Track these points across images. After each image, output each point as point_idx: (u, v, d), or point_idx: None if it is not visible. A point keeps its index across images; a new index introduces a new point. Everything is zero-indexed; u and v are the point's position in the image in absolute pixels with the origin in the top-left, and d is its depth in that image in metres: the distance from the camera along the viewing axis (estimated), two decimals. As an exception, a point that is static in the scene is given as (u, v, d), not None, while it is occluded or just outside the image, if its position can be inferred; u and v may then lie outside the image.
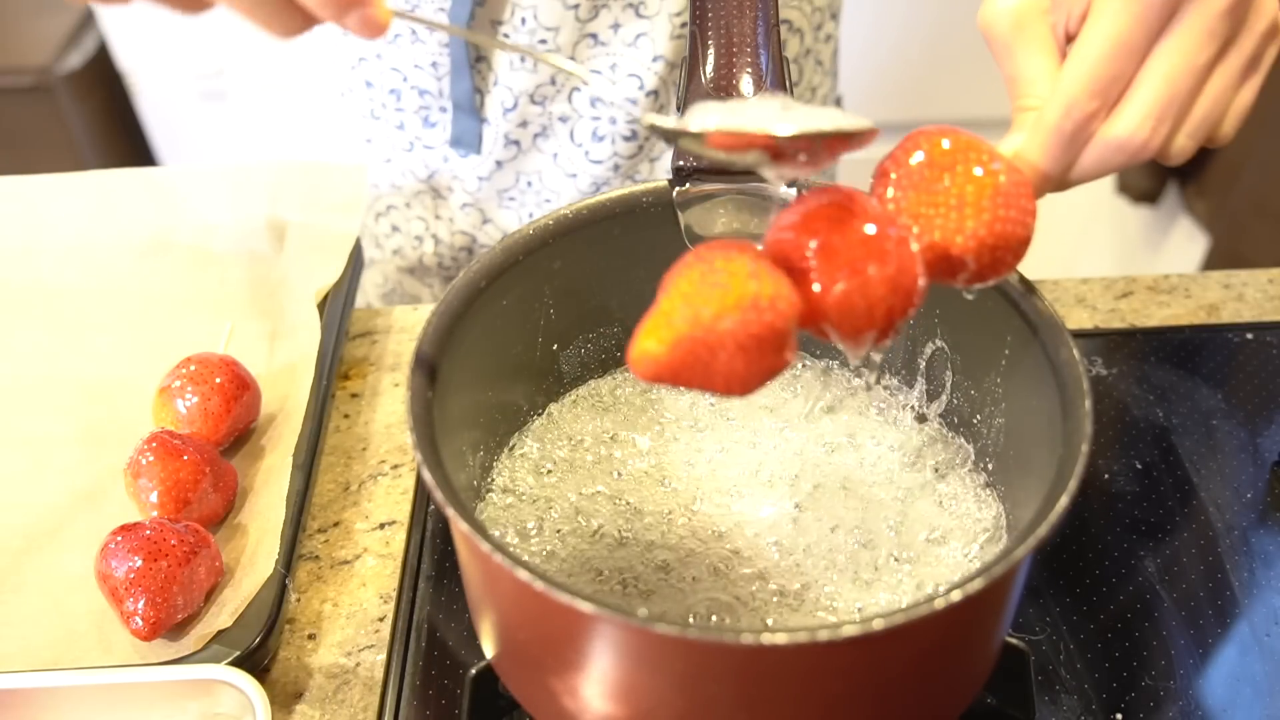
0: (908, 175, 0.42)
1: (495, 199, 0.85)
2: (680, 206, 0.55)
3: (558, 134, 0.81)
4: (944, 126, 0.43)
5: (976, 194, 0.41)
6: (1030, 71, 0.45)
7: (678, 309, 0.39)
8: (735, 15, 0.55)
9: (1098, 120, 0.43)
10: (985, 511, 0.54)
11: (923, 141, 0.42)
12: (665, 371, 0.39)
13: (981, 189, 0.41)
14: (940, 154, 0.42)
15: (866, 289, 0.40)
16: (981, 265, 0.42)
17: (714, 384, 0.40)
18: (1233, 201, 1.52)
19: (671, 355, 0.39)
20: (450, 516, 0.42)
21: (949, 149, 0.42)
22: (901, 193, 0.42)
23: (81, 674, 0.53)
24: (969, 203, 0.41)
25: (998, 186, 0.41)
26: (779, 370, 0.41)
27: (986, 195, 0.41)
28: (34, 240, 0.79)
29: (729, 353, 0.39)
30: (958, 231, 0.41)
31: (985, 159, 0.42)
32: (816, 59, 0.86)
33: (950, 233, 0.41)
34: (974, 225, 0.41)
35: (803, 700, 0.43)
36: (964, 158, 0.42)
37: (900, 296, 0.41)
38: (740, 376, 0.40)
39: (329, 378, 0.70)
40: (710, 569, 0.52)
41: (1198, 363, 0.73)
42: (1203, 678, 0.57)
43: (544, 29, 0.75)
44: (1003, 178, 0.41)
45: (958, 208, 0.41)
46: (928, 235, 0.42)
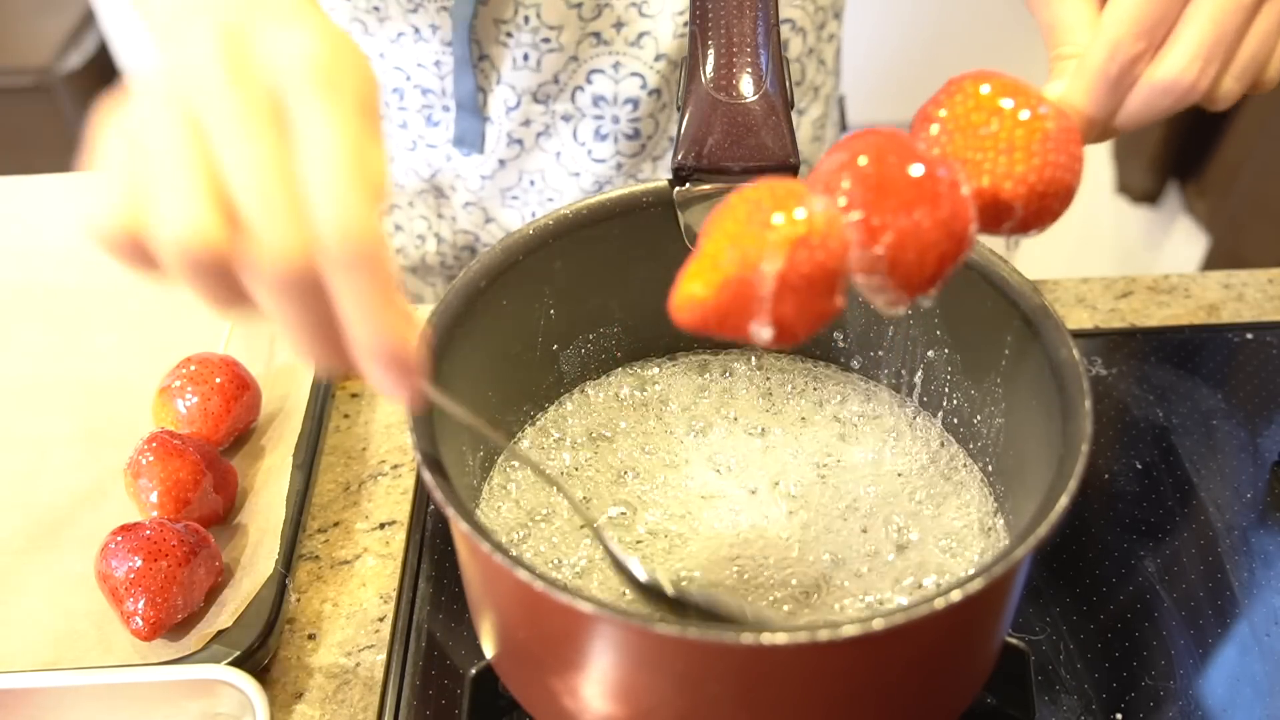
0: (953, 119, 0.41)
1: (498, 198, 0.85)
2: (680, 206, 0.55)
3: (560, 133, 0.81)
4: (985, 71, 0.42)
5: (1026, 138, 0.40)
6: (1068, 18, 0.44)
7: (723, 250, 0.37)
8: (735, 15, 0.55)
9: (1143, 62, 0.42)
10: (985, 511, 0.54)
11: (967, 85, 0.41)
12: (711, 316, 0.37)
13: (1031, 133, 0.40)
14: (986, 98, 0.40)
15: (919, 233, 0.38)
16: (1029, 212, 0.41)
17: (761, 327, 0.38)
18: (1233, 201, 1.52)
19: (718, 298, 0.37)
20: (450, 516, 0.42)
21: (994, 92, 0.40)
22: (947, 136, 0.41)
23: (81, 674, 0.53)
24: (1018, 147, 0.40)
25: (1047, 131, 0.40)
26: (830, 316, 0.39)
27: (1036, 140, 0.40)
28: (34, 240, 0.79)
29: (778, 294, 0.37)
30: (1007, 176, 0.40)
31: (1033, 103, 0.41)
32: (820, 58, 0.86)
33: (1000, 177, 0.40)
34: (1023, 170, 0.40)
35: (803, 700, 0.43)
36: (1011, 101, 0.40)
37: (953, 242, 0.39)
38: (789, 321, 0.38)
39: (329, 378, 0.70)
40: (707, 568, 0.52)
41: (1198, 363, 0.73)
42: (1203, 678, 0.57)
43: (547, 27, 0.75)
44: (1050, 123, 0.40)
45: (1007, 151, 0.40)
46: (976, 180, 0.40)
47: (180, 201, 0.34)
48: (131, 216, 0.35)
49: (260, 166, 0.33)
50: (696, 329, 0.38)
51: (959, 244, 0.39)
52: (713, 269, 0.37)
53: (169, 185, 0.34)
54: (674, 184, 0.55)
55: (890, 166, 0.39)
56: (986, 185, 0.40)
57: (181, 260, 0.34)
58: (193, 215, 0.33)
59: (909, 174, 0.39)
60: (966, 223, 0.40)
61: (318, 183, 0.33)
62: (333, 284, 0.34)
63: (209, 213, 0.33)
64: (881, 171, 0.39)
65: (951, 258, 0.40)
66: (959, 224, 0.39)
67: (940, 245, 0.39)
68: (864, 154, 0.39)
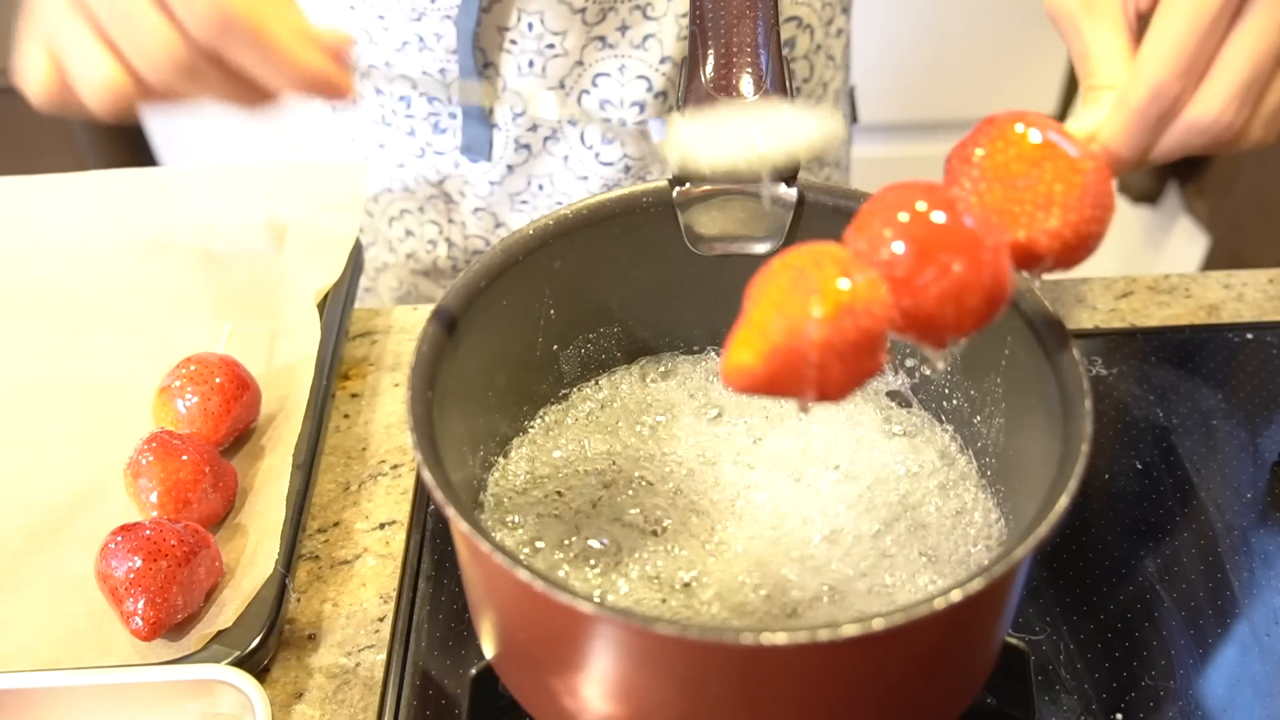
0: (992, 167, 0.41)
1: (507, 203, 0.85)
2: (680, 206, 0.55)
3: (568, 137, 0.81)
4: (1021, 113, 0.41)
5: (1065, 193, 0.40)
6: (1101, 49, 0.43)
7: (770, 319, 0.38)
8: (735, 16, 0.55)
9: (1183, 102, 0.41)
10: (985, 511, 0.54)
11: (1008, 130, 0.41)
12: (761, 382, 0.38)
13: (1069, 188, 0.40)
14: (1026, 146, 0.41)
15: (961, 296, 0.39)
16: (1059, 261, 0.42)
17: (808, 391, 0.39)
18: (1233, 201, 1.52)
19: (767, 366, 0.38)
20: (450, 516, 0.43)
21: (1033, 140, 0.41)
22: (986, 185, 0.41)
23: (81, 674, 0.53)
24: (1056, 202, 0.40)
25: (1085, 186, 0.40)
26: (874, 373, 0.40)
27: (1074, 195, 0.40)
28: (34, 240, 0.79)
29: (825, 361, 0.38)
30: (1044, 231, 0.41)
31: (1071, 153, 0.41)
32: (828, 54, 0.86)
33: (1036, 232, 0.41)
34: (1058, 225, 0.40)
35: (803, 700, 0.43)
36: (1051, 153, 0.40)
37: (992, 305, 0.40)
38: (836, 383, 0.39)
39: (329, 378, 0.70)
40: (706, 566, 0.52)
41: (1198, 363, 0.73)
42: (1203, 678, 0.57)
43: (551, 33, 0.75)
44: (1088, 176, 0.40)
45: (1044, 206, 0.40)
46: (1012, 232, 0.41)
47: (80, 63, 0.42)
48: (60, 86, 0.43)
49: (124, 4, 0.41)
50: (747, 393, 0.39)
51: (997, 305, 0.40)
52: (761, 337, 0.38)
53: (67, 52, 0.42)
54: (674, 184, 0.55)
55: (934, 228, 0.39)
56: (1022, 239, 0.41)
57: (106, 107, 0.43)
58: (93, 70, 0.42)
59: (952, 235, 0.39)
60: (1006, 285, 0.40)
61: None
62: (222, 52, 0.41)
63: (103, 63, 0.42)
64: (924, 233, 0.39)
65: (989, 317, 0.40)
66: (999, 288, 0.40)
67: (980, 310, 0.40)
68: (905, 211, 0.39)
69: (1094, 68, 0.44)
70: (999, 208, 0.41)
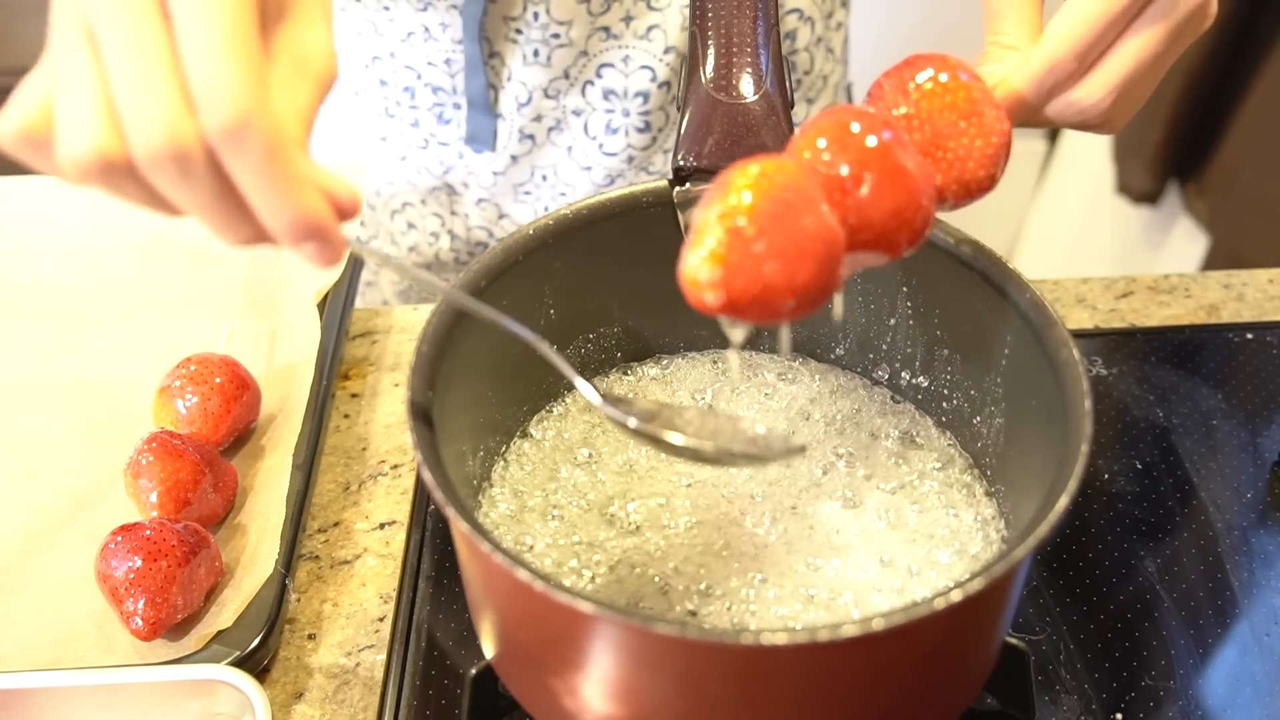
0: (927, 111, 0.44)
1: (510, 194, 0.86)
2: (680, 206, 0.55)
3: (571, 127, 0.82)
4: (944, 57, 0.45)
5: (983, 149, 0.44)
6: (1012, 11, 0.48)
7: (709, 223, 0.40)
8: (735, 15, 0.55)
9: (1073, 80, 0.46)
10: (985, 511, 0.54)
11: (940, 76, 0.44)
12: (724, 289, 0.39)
13: (988, 144, 0.44)
14: (960, 99, 0.44)
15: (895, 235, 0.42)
16: (955, 203, 0.45)
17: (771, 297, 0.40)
18: (1233, 201, 1.52)
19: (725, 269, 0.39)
20: (450, 516, 0.43)
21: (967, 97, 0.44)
22: (918, 124, 0.44)
23: (81, 674, 0.53)
24: (975, 157, 0.44)
25: (1000, 145, 0.44)
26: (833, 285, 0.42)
27: (990, 153, 0.44)
28: (34, 240, 0.79)
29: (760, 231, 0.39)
30: (955, 179, 0.44)
31: (993, 114, 0.44)
32: (827, 47, 0.87)
33: (950, 179, 0.44)
34: (970, 178, 0.45)
35: (803, 700, 0.43)
36: (977, 109, 0.44)
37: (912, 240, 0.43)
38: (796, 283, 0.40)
39: (329, 378, 0.70)
40: (711, 570, 0.52)
41: (1198, 363, 0.73)
42: (1203, 678, 0.57)
43: (556, 23, 0.75)
44: (1005, 137, 0.44)
45: (963, 159, 0.44)
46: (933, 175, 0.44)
47: (71, 114, 0.35)
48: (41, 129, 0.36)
49: (136, 59, 0.34)
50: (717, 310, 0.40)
51: (915, 241, 0.43)
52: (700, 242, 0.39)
53: (62, 99, 0.36)
54: (674, 184, 0.55)
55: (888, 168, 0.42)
56: (938, 183, 0.44)
57: (78, 171, 0.36)
58: (82, 127, 0.35)
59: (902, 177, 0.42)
60: (928, 226, 0.44)
61: (192, 61, 0.34)
62: (224, 160, 0.35)
63: (97, 122, 0.35)
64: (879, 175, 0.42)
65: (906, 249, 0.43)
66: (924, 227, 0.43)
67: (900, 245, 0.43)
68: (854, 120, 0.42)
69: (1002, 26, 0.48)
70: (925, 149, 0.45)
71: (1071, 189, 1.78)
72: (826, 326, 0.61)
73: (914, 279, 0.56)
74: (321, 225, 0.38)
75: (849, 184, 0.41)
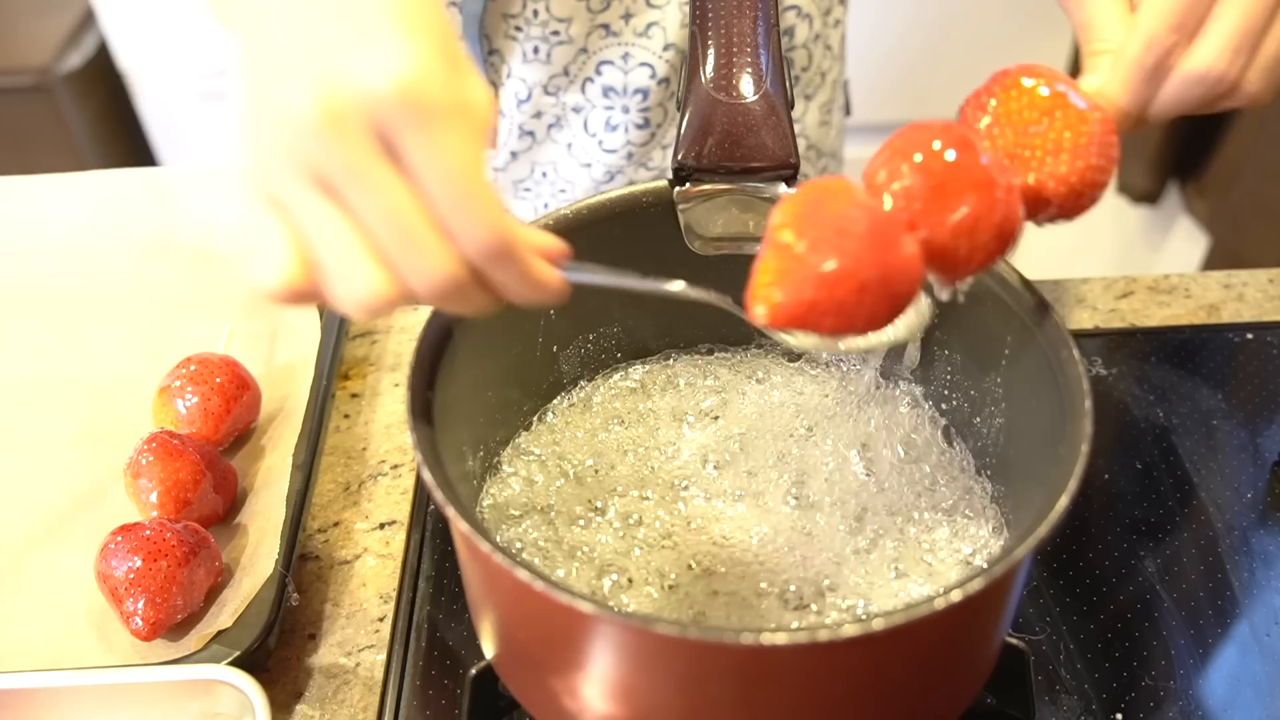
0: (1005, 114, 0.43)
1: (511, 190, 0.86)
2: (680, 206, 0.55)
3: (571, 124, 0.82)
4: (1032, 66, 0.44)
5: (1074, 140, 0.43)
6: (1101, 17, 0.46)
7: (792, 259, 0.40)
8: (735, 15, 0.55)
9: (1177, 53, 0.44)
10: (985, 511, 0.54)
11: (1020, 79, 0.44)
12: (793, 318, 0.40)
13: (1078, 135, 0.43)
14: (1037, 96, 0.43)
15: (975, 231, 0.41)
16: (1065, 206, 0.44)
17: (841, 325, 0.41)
18: (1233, 201, 1.52)
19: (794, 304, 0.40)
20: (450, 516, 0.42)
21: (1044, 90, 0.43)
22: (999, 130, 0.43)
23: (81, 674, 0.53)
24: (1065, 149, 0.43)
25: (1092, 134, 0.43)
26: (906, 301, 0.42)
27: (1082, 142, 0.43)
28: (34, 240, 0.79)
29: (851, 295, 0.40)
30: (1052, 176, 0.43)
31: (1080, 103, 0.43)
32: (825, 44, 0.87)
33: (1045, 176, 0.43)
34: (1067, 171, 0.43)
35: (803, 700, 0.43)
36: (1060, 103, 0.43)
37: (1003, 241, 0.42)
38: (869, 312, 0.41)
39: (329, 378, 0.70)
40: (709, 569, 0.52)
41: (1198, 363, 0.73)
42: (1203, 678, 0.57)
43: (556, 20, 0.75)
44: (1095, 125, 0.43)
45: (1054, 152, 0.43)
46: (1022, 176, 0.43)
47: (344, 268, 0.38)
48: (306, 283, 0.39)
49: (391, 207, 0.37)
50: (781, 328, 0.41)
51: (1007, 242, 0.42)
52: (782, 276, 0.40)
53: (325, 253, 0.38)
54: (674, 184, 0.55)
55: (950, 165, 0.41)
56: (1032, 183, 0.43)
57: (362, 315, 0.39)
58: (360, 279, 0.38)
59: (967, 172, 0.41)
60: (1016, 223, 0.42)
61: (446, 209, 0.37)
62: (490, 279, 0.40)
63: (373, 273, 0.38)
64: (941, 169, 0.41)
65: (1000, 252, 0.43)
66: (1010, 225, 0.42)
67: (990, 245, 0.42)
68: (923, 149, 0.41)
69: (1094, 35, 0.46)
70: (1010, 152, 0.44)
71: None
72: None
73: (914, 279, 0.56)
74: (557, 287, 0.42)
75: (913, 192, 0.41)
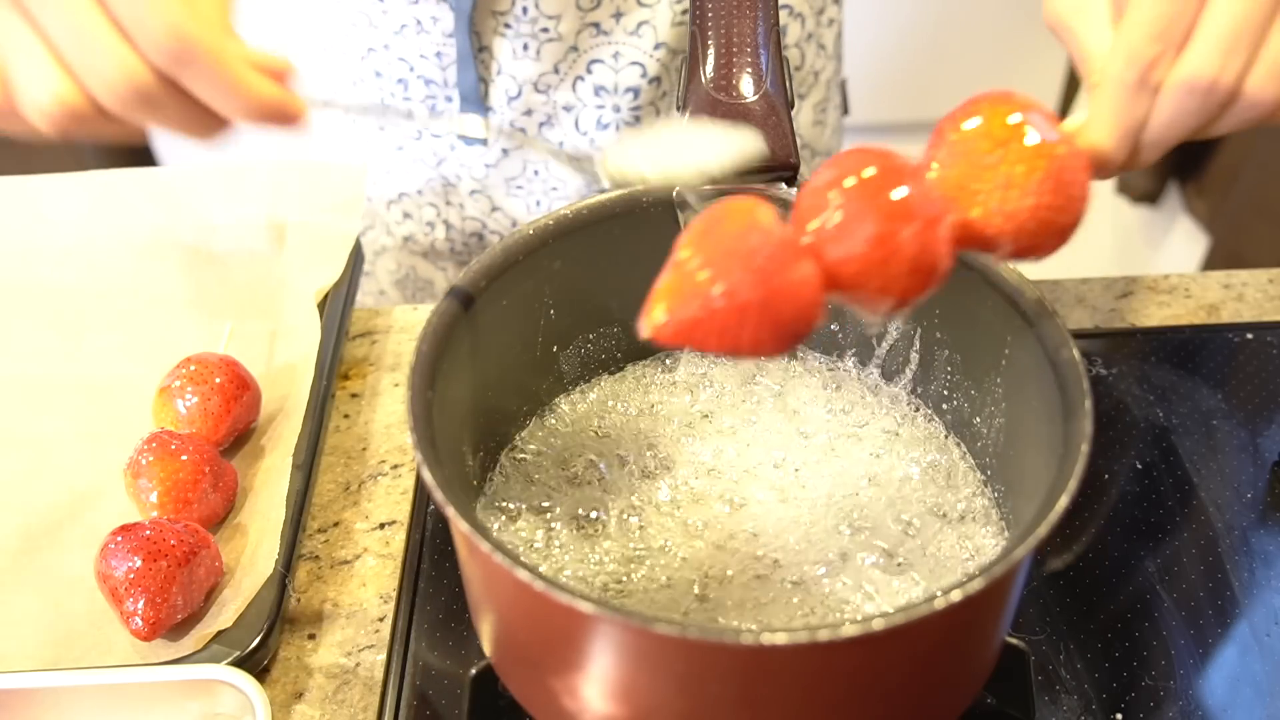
0: (961, 143, 0.41)
1: (502, 187, 0.86)
2: (680, 206, 0.55)
3: (562, 122, 0.82)
4: (1008, 94, 0.41)
5: (1025, 176, 0.40)
6: (1095, 48, 0.43)
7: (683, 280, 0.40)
8: (735, 15, 0.55)
9: (1163, 66, 0.41)
10: (985, 511, 0.54)
11: (984, 107, 0.41)
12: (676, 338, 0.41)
13: (1031, 170, 0.40)
14: (996, 126, 0.40)
15: (886, 268, 0.40)
16: (1020, 247, 0.41)
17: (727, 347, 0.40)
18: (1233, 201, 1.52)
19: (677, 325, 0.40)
20: (450, 516, 0.43)
21: (1005, 121, 0.40)
22: (953, 160, 0.41)
23: (81, 674, 0.53)
24: (1015, 184, 0.40)
25: (1048, 171, 0.40)
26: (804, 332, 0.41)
27: (1035, 178, 0.40)
28: (34, 240, 0.79)
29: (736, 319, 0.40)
30: (998, 212, 0.40)
31: (1042, 137, 0.40)
32: (819, 43, 0.87)
33: (990, 213, 0.40)
34: (1015, 208, 0.40)
35: (803, 700, 0.43)
36: (1019, 134, 0.40)
37: (919, 278, 0.40)
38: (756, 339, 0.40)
39: (329, 378, 0.70)
40: (709, 569, 0.52)
41: (1198, 363, 0.73)
42: (1203, 678, 0.57)
43: (545, 17, 0.75)
44: (1052, 162, 0.40)
45: (1004, 188, 0.40)
46: (966, 210, 0.41)
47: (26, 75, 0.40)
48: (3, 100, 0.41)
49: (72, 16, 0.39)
50: (667, 344, 0.41)
51: (924, 280, 0.40)
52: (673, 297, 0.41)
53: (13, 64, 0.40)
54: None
55: (870, 194, 0.40)
56: (976, 218, 0.41)
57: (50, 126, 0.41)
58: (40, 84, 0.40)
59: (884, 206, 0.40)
60: (936, 260, 0.40)
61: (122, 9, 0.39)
62: (180, 80, 0.40)
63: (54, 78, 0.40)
64: (853, 202, 0.40)
65: (917, 290, 0.41)
66: (926, 262, 0.40)
67: (905, 282, 0.40)
68: (841, 179, 0.40)
69: (1091, 66, 0.43)
70: (960, 184, 0.41)
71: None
72: (826, 326, 0.61)
73: (914, 279, 0.56)
74: (275, 102, 0.42)
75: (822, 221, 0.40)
